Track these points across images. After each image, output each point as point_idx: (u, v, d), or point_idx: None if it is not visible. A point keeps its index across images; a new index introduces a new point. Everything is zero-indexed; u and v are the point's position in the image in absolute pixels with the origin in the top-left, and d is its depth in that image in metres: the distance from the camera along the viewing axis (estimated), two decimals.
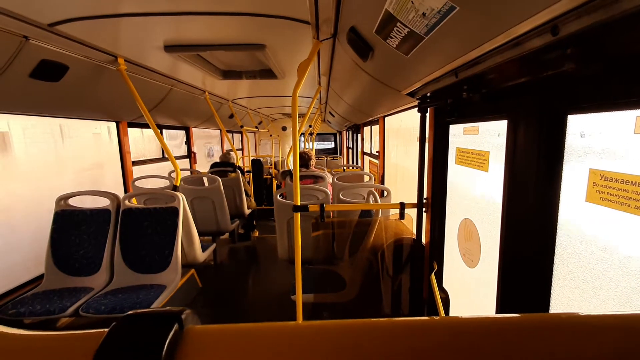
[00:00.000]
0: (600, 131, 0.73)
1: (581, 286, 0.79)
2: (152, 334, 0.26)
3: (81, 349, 0.26)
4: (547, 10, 0.57)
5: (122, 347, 0.25)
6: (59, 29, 1.46)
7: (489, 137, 1.20)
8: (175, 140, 4.99)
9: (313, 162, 3.36)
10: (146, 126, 3.61)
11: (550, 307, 0.90)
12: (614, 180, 0.68)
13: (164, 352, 0.24)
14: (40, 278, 2.36)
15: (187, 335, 0.28)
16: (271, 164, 7.06)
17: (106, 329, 0.26)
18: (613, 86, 0.67)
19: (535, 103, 0.89)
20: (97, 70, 2.01)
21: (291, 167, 4.68)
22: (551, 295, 0.89)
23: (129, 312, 0.28)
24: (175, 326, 0.27)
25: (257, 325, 0.29)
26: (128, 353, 0.24)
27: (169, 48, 1.88)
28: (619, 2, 0.48)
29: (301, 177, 3.06)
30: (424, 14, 0.78)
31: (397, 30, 0.95)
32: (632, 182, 0.64)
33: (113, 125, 3.21)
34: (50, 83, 1.87)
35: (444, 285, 1.69)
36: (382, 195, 2.72)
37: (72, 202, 2.41)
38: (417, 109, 1.70)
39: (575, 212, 0.80)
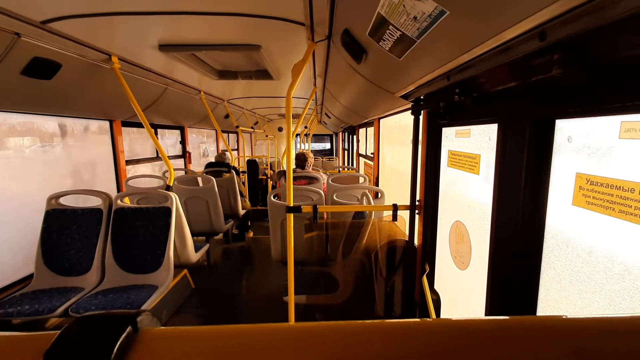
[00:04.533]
0: (587, 136, 0.74)
1: (567, 289, 0.80)
2: (103, 336, 0.26)
3: (31, 350, 0.26)
4: (535, 15, 0.57)
5: (71, 349, 0.25)
6: (51, 27, 1.45)
7: (480, 140, 1.21)
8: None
9: (310, 163, 3.35)
10: (140, 125, 3.59)
11: (537, 310, 0.91)
12: (599, 184, 0.69)
13: (113, 354, 0.24)
14: (29, 278, 2.33)
15: (141, 337, 0.28)
16: (267, 165, 7.05)
17: (58, 331, 0.26)
18: (599, 92, 0.68)
19: (524, 107, 0.90)
20: (91, 69, 2.00)
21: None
22: (538, 298, 0.90)
23: (83, 314, 0.28)
24: (129, 328, 0.27)
25: (222, 328, 0.29)
26: (77, 354, 0.24)
27: (164, 47, 1.87)
28: (604, 9, 0.49)
29: (296, 178, 3.06)
30: (415, 18, 0.78)
31: (389, 33, 0.95)
32: (616, 186, 0.65)
33: None
34: (42, 81, 1.85)
35: (436, 287, 1.69)
36: (376, 196, 2.72)
37: (64, 201, 2.39)
38: (410, 111, 1.71)
39: (562, 216, 0.81)
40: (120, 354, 0.25)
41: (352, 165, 6.31)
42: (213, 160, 4.81)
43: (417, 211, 1.83)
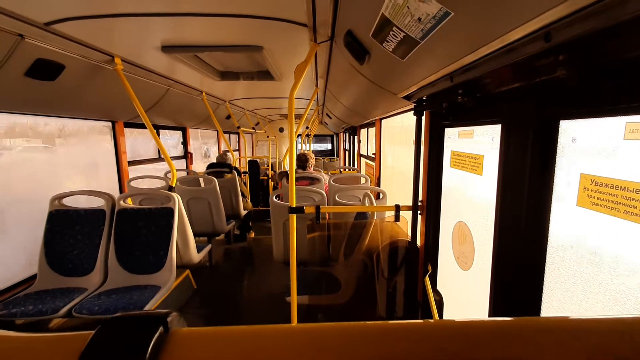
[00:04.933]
0: (591, 137, 0.74)
1: (571, 290, 0.80)
2: (137, 336, 0.26)
3: (67, 351, 0.27)
4: (540, 17, 0.58)
5: (107, 349, 0.25)
6: (55, 28, 1.46)
7: (483, 141, 1.21)
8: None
9: (312, 163, 3.35)
10: (142, 126, 3.59)
11: (542, 311, 0.91)
12: (604, 185, 0.69)
13: (147, 354, 0.25)
14: (33, 278, 2.34)
15: (172, 337, 0.28)
16: (268, 165, 7.06)
17: (92, 331, 0.27)
18: (604, 92, 0.68)
19: (528, 108, 0.90)
20: (94, 70, 2.00)
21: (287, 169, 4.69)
22: (542, 299, 0.90)
23: (115, 315, 0.28)
24: (161, 329, 0.27)
25: (247, 328, 0.29)
26: (113, 355, 0.25)
27: (166, 49, 1.87)
28: (610, 10, 0.49)
29: (297, 179, 3.06)
30: (419, 19, 0.79)
31: (393, 34, 0.96)
32: (621, 187, 0.65)
33: None
34: (46, 82, 1.86)
35: (438, 287, 1.69)
36: (378, 197, 2.72)
37: (67, 202, 2.40)
38: (413, 112, 1.72)
39: (567, 217, 0.81)
40: (153, 354, 0.25)
41: (353, 165, 6.31)
42: (215, 161, 4.82)
43: (419, 212, 1.83)
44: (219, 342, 0.28)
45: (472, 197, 1.31)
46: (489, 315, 1.12)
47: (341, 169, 6.43)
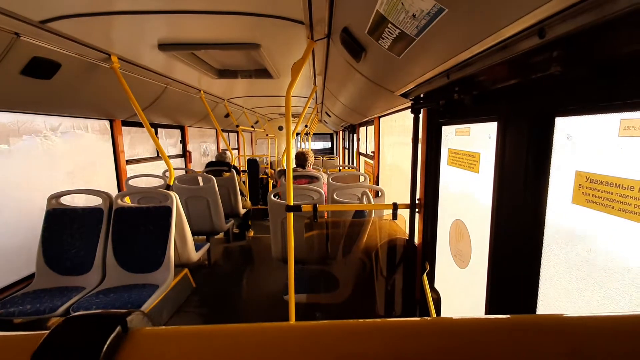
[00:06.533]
0: (586, 134, 0.74)
1: (567, 287, 0.80)
2: (92, 336, 0.26)
3: (19, 351, 0.26)
4: (533, 13, 0.57)
5: (60, 349, 0.25)
6: (51, 26, 1.45)
7: (480, 138, 1.21)
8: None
9: (311, 162, 3.35)
10: (140, 125, 3.59)
11: (537, 308, 0.90)
12: (599, 182, 0.69)
13: (102, 354, 0.24)
14: (30, 277, 2.34)
15: (131, 337, 0.27)
16: (267, 164, 7.06)
17: (46, 331, 0.26)
18: (599, 89, 0.68)
19: (523, 105, 0.90)
20: (90, 68, 2.00)
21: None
22: (538, 296, 0.90)
23: (72, 315, 0.28)
24: (118, 328, 0.27)
25: (222, 327, 0.29)
26: (65, 355, 0.24)
27: (164, 46, 1.87)
28: (602, 6, 0.49)
29: (296, 177, 3.06)
30: (414, 16, 0.78)
31: (388, 31, 0.95)
32: (615, 184, 0.65)
33: None
34: (42, 80, 1.85)
35: (436, 285, 1.69)
36: (376, 195, 2.72)
37: (64, 200, 2.39)
38: (410, 109, 1.71)
39: (562, 214, 0.80)
40: (109, 355, 0.25)
41: (353, 164, 6.30)
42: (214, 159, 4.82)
43: (417, 210, 1.83)
44: (183, 342, 0.27)
45: (469, 195, 1.31)
46: (486, 313, 1.12)
47: (340, 167, 6.43)
